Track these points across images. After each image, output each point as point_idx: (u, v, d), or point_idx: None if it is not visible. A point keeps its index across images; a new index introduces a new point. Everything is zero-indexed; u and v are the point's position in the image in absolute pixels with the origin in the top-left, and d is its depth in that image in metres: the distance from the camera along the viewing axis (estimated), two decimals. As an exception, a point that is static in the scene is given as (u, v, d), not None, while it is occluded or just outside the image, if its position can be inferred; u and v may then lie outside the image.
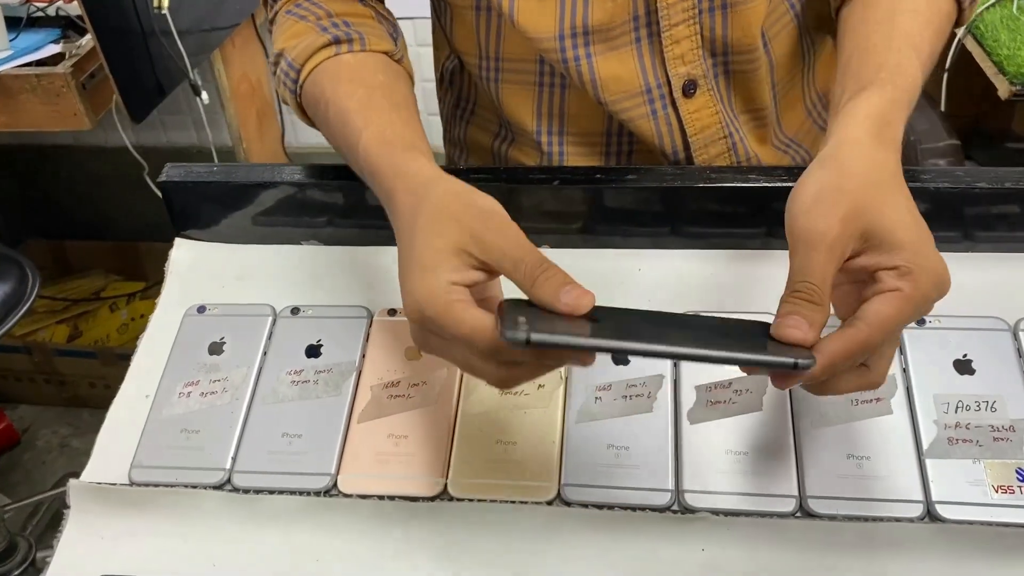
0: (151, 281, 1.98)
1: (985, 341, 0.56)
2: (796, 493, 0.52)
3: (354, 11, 0.64)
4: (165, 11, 1.30)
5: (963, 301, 0.53)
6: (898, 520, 0.50)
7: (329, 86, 0.58)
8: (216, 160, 1.77)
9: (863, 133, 0.48)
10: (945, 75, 1.51)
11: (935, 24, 0.57)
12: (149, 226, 1.83)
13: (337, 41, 0.60)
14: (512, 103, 0.70)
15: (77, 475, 0.58)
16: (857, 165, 0.46)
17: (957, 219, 0.60)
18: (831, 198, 0.44)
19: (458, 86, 0.77)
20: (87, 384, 1.81)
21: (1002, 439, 0.52)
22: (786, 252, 0.46)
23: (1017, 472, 0.51)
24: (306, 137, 2.05)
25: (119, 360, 1.71)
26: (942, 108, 1.60)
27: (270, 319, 0.64)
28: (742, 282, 0.62)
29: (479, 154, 0.79)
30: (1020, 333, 0.57)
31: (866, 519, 0.51)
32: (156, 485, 0.57)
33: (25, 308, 1.19)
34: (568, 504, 0.53)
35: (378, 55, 0.61)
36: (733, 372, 0.56)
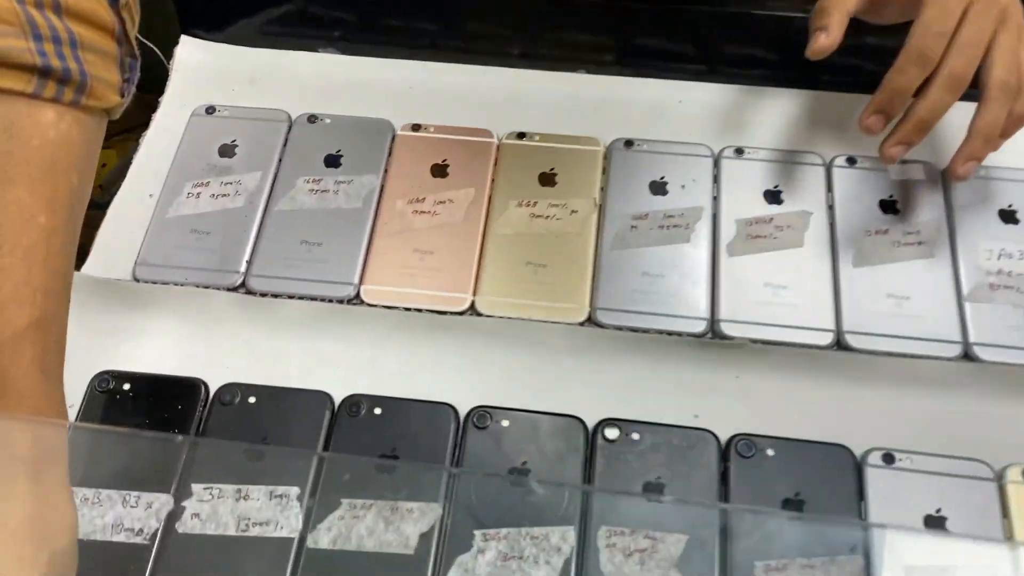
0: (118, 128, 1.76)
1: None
2: (834, 327, 0.54)
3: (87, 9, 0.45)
4: None
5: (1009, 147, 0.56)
6: (934, 359, 0.52)
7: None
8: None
9: None
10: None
11: None
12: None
13: (45, 73, 0.43)
14: None
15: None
16: None
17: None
18: None
19: None
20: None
21: (1042, 287, 0.54)
22: (826, 94, 0.58)
23: (1056, 319, 0.53)
24: None
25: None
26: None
27: (285, 125, 0.64)
28: (781, 120, 0.64)
29: None
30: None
31: (902, 355, 0.52)
32: (164, 283, 0.56)
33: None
34: (601, 327, 0.55)
35: (88, 125, 0.46)
36: (775, 209, 0.58)
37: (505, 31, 0.71)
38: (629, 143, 0.62)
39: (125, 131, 0.66)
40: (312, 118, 0.65)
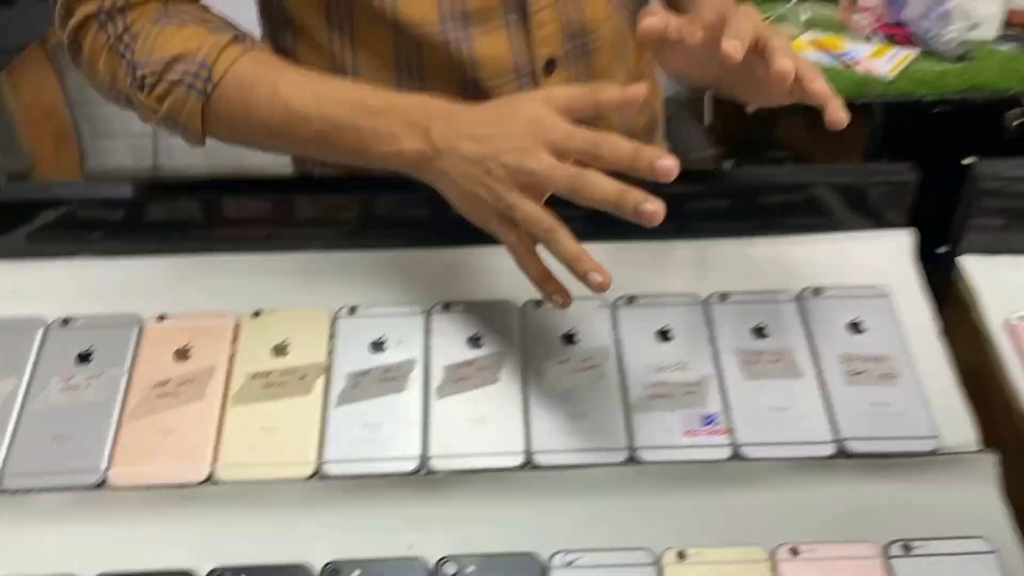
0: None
1: (681, 314, 0.71)
2: (524, 448, 0.63)
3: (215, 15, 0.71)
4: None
5: (668, 282, 0.73)
6: (607, 465, 0.62)
7: (270, 72, 0.67)
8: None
9: None
10: (707, 95, 1.96)
11: None
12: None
13: (237, 39, 0.69)
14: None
15: None
16: None
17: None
18: None
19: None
20: None
21: (691, 392, 0.66)
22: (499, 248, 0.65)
23: (701, 418, 0.65)
24: (106, 159, 1.92)
25: None
26: (706, 123, 2.05)
27: (41, 331, 0.70)
28: (482, 276, 0.74)
29: None
30: (709, 306, 0.71)
31: (581, 466, 0.62)
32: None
33: None
34: (327, 478, 0.62)
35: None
36: (477, 352, 0.68)
37: (250, 216, 0.80)
38: (352, 310, 0.72)
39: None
40: (66, 321, 0.71)
